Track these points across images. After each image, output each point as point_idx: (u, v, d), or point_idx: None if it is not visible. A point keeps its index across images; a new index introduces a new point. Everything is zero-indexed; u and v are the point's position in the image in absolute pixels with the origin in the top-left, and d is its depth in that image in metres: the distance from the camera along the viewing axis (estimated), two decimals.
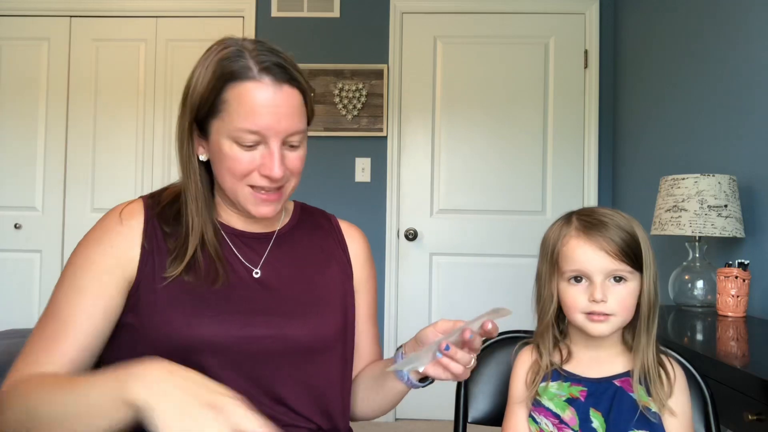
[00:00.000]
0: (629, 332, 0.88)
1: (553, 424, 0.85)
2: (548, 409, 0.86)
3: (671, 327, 1.59)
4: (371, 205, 2.97)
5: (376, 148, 2.98)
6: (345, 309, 0.96)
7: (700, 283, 1.77)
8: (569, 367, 0.89)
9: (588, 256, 0.83)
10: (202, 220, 0.87)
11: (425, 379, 0.89)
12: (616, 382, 0.86)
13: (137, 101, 3.04)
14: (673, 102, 2.33)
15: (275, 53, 0.84)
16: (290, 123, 0.83)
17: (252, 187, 0.85)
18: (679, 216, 1.72)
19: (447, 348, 0.76)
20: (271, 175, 0.83)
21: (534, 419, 0.87)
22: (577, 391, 0.86)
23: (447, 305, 2.95)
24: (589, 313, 0.84)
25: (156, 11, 3.05)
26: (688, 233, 1.69)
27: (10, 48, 3.05)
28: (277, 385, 0.86)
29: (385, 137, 2.97)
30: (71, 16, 3.06)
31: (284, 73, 0.82)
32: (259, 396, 0.84)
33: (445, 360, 0.78)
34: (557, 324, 0.92)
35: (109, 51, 3.05)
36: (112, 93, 3.04)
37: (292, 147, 0.86)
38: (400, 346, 0.91)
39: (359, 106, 2.94)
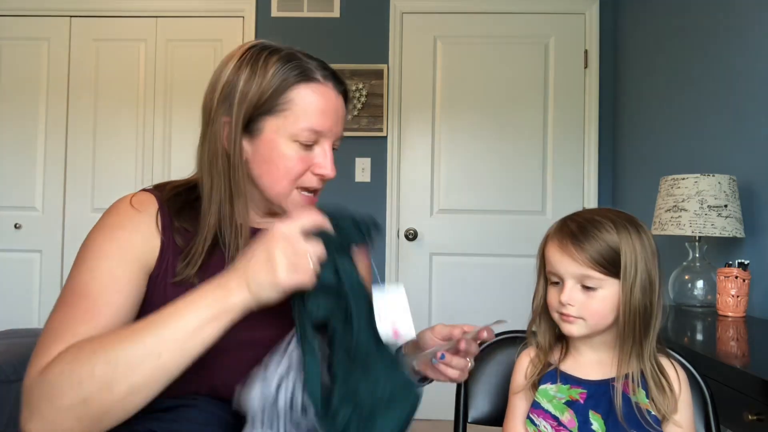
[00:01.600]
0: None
1: (552, 427, 0.85)
2: (547, 411, 0.86)
3: (671, 327, 1.59)
4: (371, 205, 2.97)
5: (376, 148, 2.98)
6: None
7: (700, 283, 1.77)
8: (569, 368, 0.89)
9: (558, 259, 0.86)
10: (246, 222, 0.87)
11: (424, 379, 0.89)
12: (615, 384, 0.85)
13: (137, 101, 3.04)
14: (673, 102, 2.33)
15: (322, 62, 0.90)
16: (342, 127, 0.90)
17: (299, 189, 0.87)
18: (679, 216, 1.72)
19: (442, 357, 0.79)
20: (326, 173, 0.86)
21: (532, 421, 0.87)
22: (577, 393, 0.86)
23: (447, 305, 2.95)
24: (561, 313, 0.86)
25: (156, 11, 3.05)
26: (688, 233, 1.69)
27: (10, 48, 3.05)
28: None
29: (385, 137, 2.97)
30: (71, 16, 3.06)
31: (341, 82, 0.90)
32: None
33: (442, 367, 0.82)
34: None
35: (109, 51, 3.05)
36: (112, 93, 3.04)
37: (334, 150, 0.90)
38: (399, 347, 0.91)
39: (359, 106, 2.94)
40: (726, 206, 1.68)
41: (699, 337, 1.49)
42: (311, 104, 0.84)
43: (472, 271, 2.95)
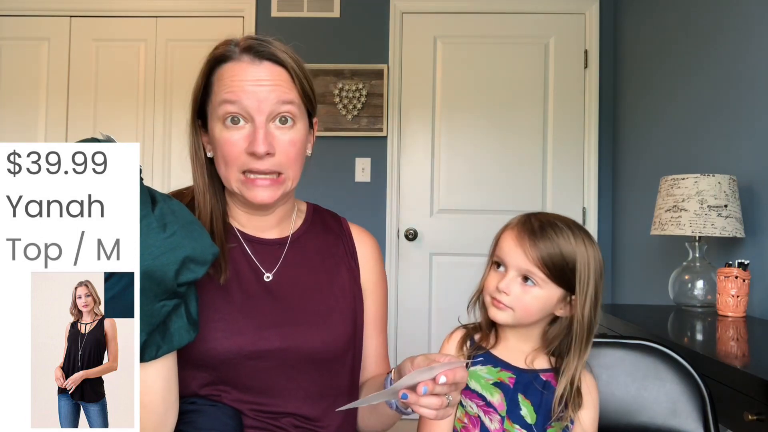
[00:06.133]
0: (555, 337, 0.90)
1: (479, 406, 0.86)
2: (474, 391, 0.87)
3: (671, 327, 1.59)
4: (371, 205, 2.97)
5: (376, 148, 2.98)
6: (354, 315, 0.95)
7: (700, 283, 1.77)
8: (499, 352, 0.90)
9: (511, 249, 0.88)
10: (209, 210, 0.88)
11: None
12: (543, 376, 0.88)
13: (137, 101, 3.04)
14: (673, 102, 2.33)
15: (264, 39, 0.86)
16: (274, 95, 0.83)
17: (245, 173, 0.85)
18: (679, 216, 1.72)
19: (404, 396, 0.69)
20: (255, 150, 0.81)
21: (460, 402, 0.87)
22: (506, 376, 0.87)
23: (447, 305, 2.95)
24: (494, 298, 0.88)
25: (156, 11, 3.05)
26: (688, 233, 1.69)
27: (10, 48, 3.05)
28: (288, 396, 0.85)
29: (385, 137, 2.97)
30: (71, 16, 3.06)
31: (264, 51, 0.84)
32: (269, 408, 0.84)
33: (411, 406, 0.70)
34: None
35: (109, 51, 3.05)
36: (112, 93, 3.04)
37: (283, 125, 0.85)
38: (390, 371, 0.86)
39: (359, 106, 2.94)
40: (726, 206, 1.68)
41: (699, 337, 1.49)
42: (223, 80, 0.85)
43: (472, 271, 2.93)
